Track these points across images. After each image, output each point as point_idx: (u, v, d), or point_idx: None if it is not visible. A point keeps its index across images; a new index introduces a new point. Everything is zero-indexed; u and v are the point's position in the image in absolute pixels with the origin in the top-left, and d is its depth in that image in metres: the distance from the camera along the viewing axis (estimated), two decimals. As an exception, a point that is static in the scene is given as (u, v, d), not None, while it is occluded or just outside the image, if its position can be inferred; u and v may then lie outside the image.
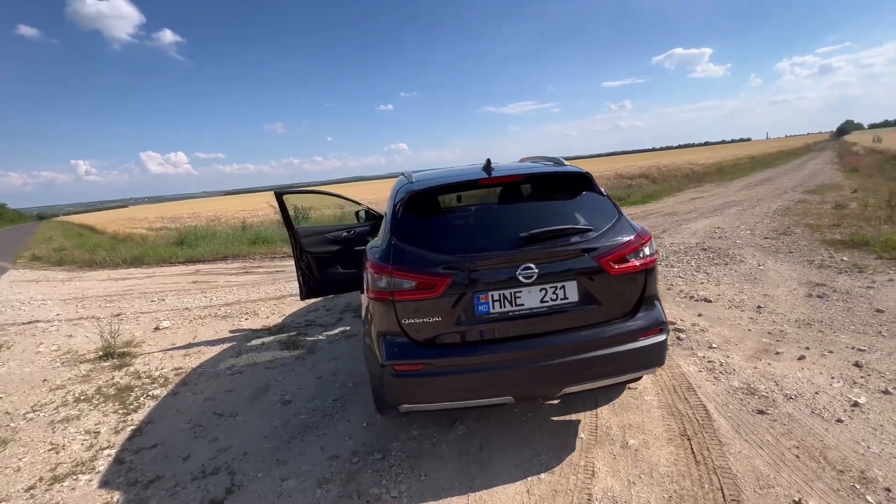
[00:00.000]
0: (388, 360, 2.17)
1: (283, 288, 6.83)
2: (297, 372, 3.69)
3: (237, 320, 5.36)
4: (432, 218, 2.42)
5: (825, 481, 1.99)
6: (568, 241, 2.18)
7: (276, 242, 11.51)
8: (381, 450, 2.52)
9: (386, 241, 2.33)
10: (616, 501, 1.99)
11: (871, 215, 7.84)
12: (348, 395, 3.22)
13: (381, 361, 2.19)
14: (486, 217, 2.35)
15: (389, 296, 2.16)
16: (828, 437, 2.28)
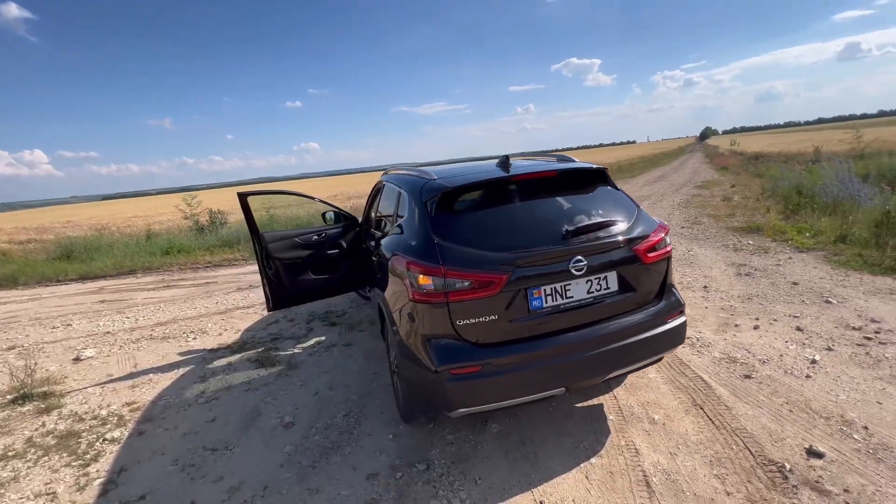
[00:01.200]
0: (442, 364, 2.07)
1: (225, 301, 6.13)
2: (285, 391, 3.35)
3: (182, 341, 4.69)
4: (471, 215, 2.36)
5: (820, 428, 2.36)
6: (609, 234, 2.28)
7: (195, 251, 10.28)
8: (422, 460, 2.41)
9: (424, 241, 2.22)
10: (668, 473, 2.15)
11: (753, 206, 9.39)
12: (357, 408, 3.01)
13: (434, 367, 2.09)
14: (523, 212, 2.35)
15: (442, 297, 2.07)
16: (805, 391, 2.69)
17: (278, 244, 4.15)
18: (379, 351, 3.90)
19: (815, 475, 2.04)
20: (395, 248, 2.47)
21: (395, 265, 2.37)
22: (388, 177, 3.57)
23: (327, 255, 4.36)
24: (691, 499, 1.99)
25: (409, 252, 2.28)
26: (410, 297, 2.18)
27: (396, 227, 2.69)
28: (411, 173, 2.93)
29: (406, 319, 2.29)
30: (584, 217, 2.32)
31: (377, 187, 4.10)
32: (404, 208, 2.67)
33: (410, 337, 2.26)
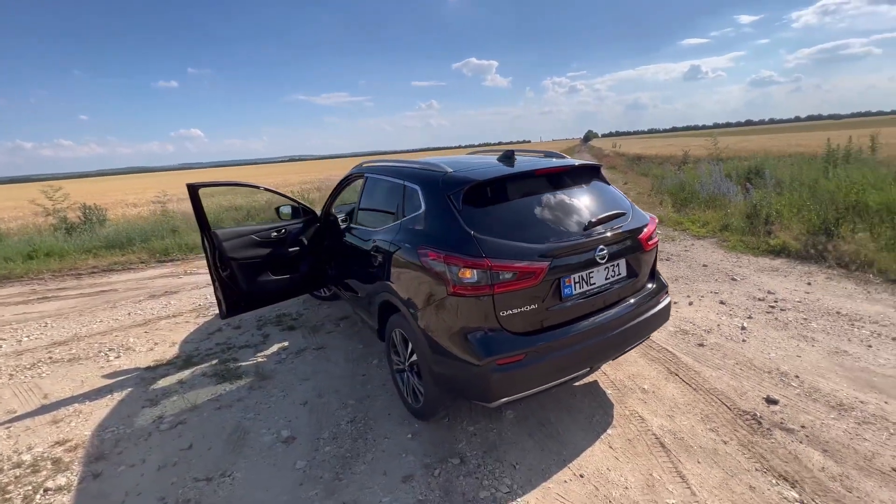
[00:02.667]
0: (488, 355, 2.09)
1: (140, 311, 5.24)
2: (266, 404, 3.03)
3: (101, 361, 3.92)
4: (497, 208, 2.38)
5: (767, 381, 2.90)
6: (621, 224, 2.50)
7: (70, 255, 8.54)
8: (453, 454, 2.40)
9: (459, 234, 2.20)
10: (674, 434, 2.46)
11: (648, 200, 10.86)
12: (360, 413, 2.86)
13: (477, 359, 2.10)
14: (546, 205, 2.44)
15: (488, 289, 2.09)
16: (746, 353, 3.27)
17: (233, 242, 3.71)
18: (358, 352, 3.73)
19: (778, 418, 2.52)
20: (418, 242, 2.39)
21: (423, 260, 2.30)
22: (371, 169, 3.40)
23: (288, 254, 4.02)
24: (699, 451, 2.31)
25: (442, 246, 2.23)
26: (450, 292, 2.15)
27: (408, 221, 2.60)
28: (414, 166, 2.85)
29: (438, 314, 2.25)
30: (596, 209, 2.51)
31: (351, 181, 3.89)
32: (416, 201, 2.59)
33: (443, 331, 2.23)
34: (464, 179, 2.39)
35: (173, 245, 8.63)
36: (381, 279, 2.80)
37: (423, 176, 2.62)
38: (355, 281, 3.39)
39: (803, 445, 2.30)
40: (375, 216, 3.19)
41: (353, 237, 3.37)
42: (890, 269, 4.59)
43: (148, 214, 13.56)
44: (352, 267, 3.42)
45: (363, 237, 3.18)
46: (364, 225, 3.30)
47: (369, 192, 3.37)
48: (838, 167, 8.43)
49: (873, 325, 3.54)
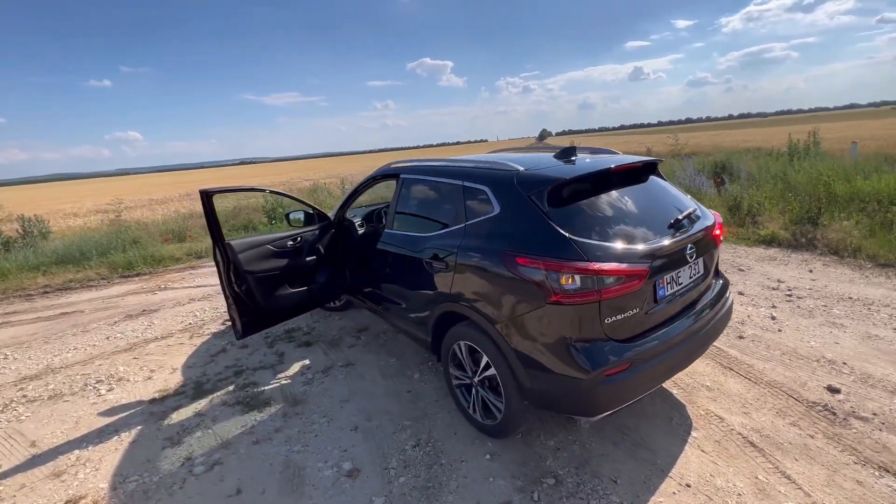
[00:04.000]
0: (597, 367, 1.94)
1: (120, 334, 4.65)
2: (312, 433, 2.72)
3: (91, 396, 3.40)
4: (581, 207, 2.23)
5: (820, 370, 2.95)
6: (699, 221, 2.43)
7: (14, 273, 7.53)
8: (544, 474, 2.23)
9: (552, 236, 2.03)
10: (758, 431, 2.42)
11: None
12: (422, 434, 2.62)
13: (585, 373, 1.94)
14: (626, 203, 2.33)
15: (594, 296, 1.93)
16: (787, 342, 3.34)
17: (249, 254, 3.34)
18: (393, 367, 3.47)
19: (848, 407, 2.56)
20: (499, 247, 2.19)
21: (511, 267, 2.11)
22: (408, 169, 3.15)
23: (305, 263, 3.69)
24: (791, 448, 2.28)
25: (535, 250, 2.05)
26: (549, 300, 1.97)
27: (477, 225, 2.39)
28: (469, 164, 2.64)
29: (531, 325, 2.07)
30: (673, 206, 2.43)
31: (376, 183, 3.61)
32: (485, 203, 2.38)
33: (538, 344, 2.06)
34: (546, 178, 2.22)
35: (137, 258, 7.84)
36: (440, 288, 2.58)
37: (491, 175, 2.43)
38: (396, 291, 3.12)
39: (885, 433, 2.33)
40: (421, 220, 2.95)
41: (390, 244, 3.11)
42: (878, 255, 4.91)
43: (97, 225, 12.33)
44: (390, 276, 3.16)
45: (407, 243, 2.93)
46: (406, 230, 3.05)
47: (408, 194, 3.11)
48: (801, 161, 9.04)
49: (887, 309, 3.73)
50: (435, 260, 2.59)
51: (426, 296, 2.74)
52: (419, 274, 2.77)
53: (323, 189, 13.07)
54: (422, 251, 2.73)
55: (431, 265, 2.63)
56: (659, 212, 2.36)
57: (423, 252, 2.72)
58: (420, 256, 2.74)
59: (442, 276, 2.54)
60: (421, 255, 2.73)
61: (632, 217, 2.28)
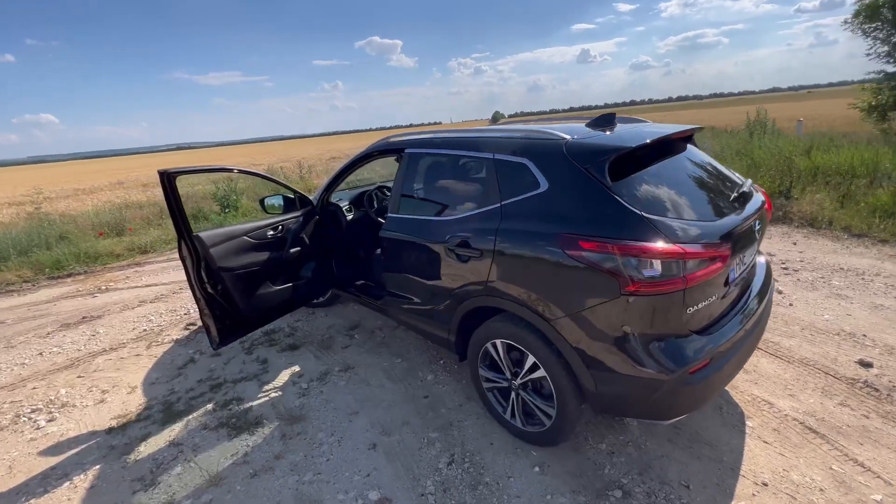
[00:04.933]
0: (681, 365, 1.68)
1: (56, 347, 3.90)
2: (322, 456, 2.30)
3: (28, 430, 2.74)
4: (644, 180, 1.92)
5: (844, 344, 2.91)
6: (755, 195, 2.21)
7: None
8: (609, 485, 1.97)
9: (624, 215, 1.72)
10: (812, 415, 2.30)
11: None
12: (455, 448, 2.28)
13: (667, 373, 1.67)
14: (685, 176, 2.06)
15: (680, 283, 1.65)
16: (803, 317, 3.29)
17: (223, 248, 2.79)
18: (400, 368, 3.08)
19: (886, 381, 2.50)
20: (555, 229, 1.85)
21: (573, 252, 1.77)
22: (415, 143, 2.71)
23: (289, 256, 3.18)
24: (852, 432, 2.17)
25: (605, 231, 1.72)
26: (624, 290, 1.67)
27: (518, 204, 2.02)
28: (502, 135, 2.26)
29: (598, 320, 1.76)
30: (725, 179, 2.20)
31: (370, 160, 3.14)
32: (527, 178, 2.02)
33: (607, 341, 1.76)
34: (605, 147, 1.89)
35: (67, 255, 6.78)
36: (470, 280, 2.21)
37: (532, 146, 2.06)
38: (406, 284, 2.71)
39: (932, 407, 2.28)
40: (438, 202, 2.55)
41: (396, 231, 2.68)
42: (851, 225, 5.09)
43: (11, 220, 10.68)
44: (397, 267, 2.74)
45: (420, 230, 2.52)
46: (417, 213, 2.63)
47: (417, 172, 2.68)
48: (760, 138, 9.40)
49: (879, 278, 3.82)
50: (463, 247, 2.21)
51: (449, 289, 2.37)
52: (439, 264, 2.38)
53: (279, 174, 12.06)
54: (443, 238, 2.34)
55: (458, 254, 2.25)
56: (716, 184, 2.12)
57: (444, 239, 2.33)
58: (440, 244, 2.35)
59: (473, 265, 2.17)
60: (442, 242, 2.34)
61: (695, 191, 2.02)
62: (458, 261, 2.25)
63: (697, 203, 1.94)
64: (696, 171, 2.15)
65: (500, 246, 2.04)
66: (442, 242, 2.34)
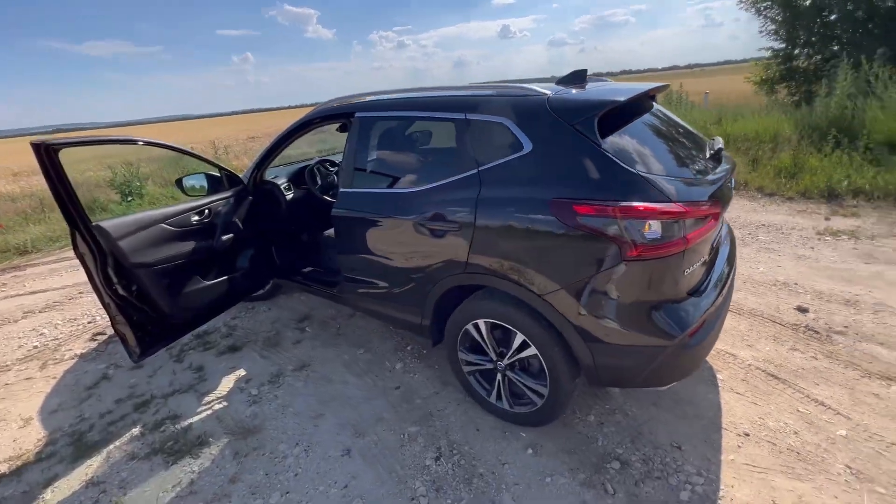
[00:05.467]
0: (683, 328, 1.62)
1: None
2: (288, 472, 1.99)
3: None
4: (630, 138, 1.80)
5: (783, 294, 3.14)
6: (725, 153, 2.21)
7: None
8: (605, 457, 1.91)
9: (619, 174, 1.59)
10: (771, 362, 2.43)
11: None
12: (440, 441, 2.09)
13: (669, 338, 1.61)
14: (661, 133, 1.96)
15: (682, 244, 1.57)
16: (741, 270, 3.52)
17: (135, 239, 2.29)
18: (363, 359, 2.81)
19: (823, 324, 2.73)
20: (543, 194, 1.67)
21: (568, 217, 1.61)
22: (368, 106, 2.37)
23: (221, 245, 2.73)
24: (805, 373, 2.32)
25: (601, 194, 1.58)
26: (627, 255, 1.55)
27: (499, 169, 1.82)
28: (471, 94, 2.02)
29: (600, 291, 1.64)
30: (696, 137, 2.17)
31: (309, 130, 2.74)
32: (506, 139, 1.82)
33: (608, 312, 1.65)
34: (592, 102, 1.73)
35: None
36: (447, 257, 1.99)
37: (511, 103, 1.85)
38: (367, 267, 2.42)
39: (864, 343, 2.52)
40: (400, 172, 2.26)
41: (351, 208, 2.35)
42: (763, 186, 5.61)
43: None
44: (355, 249, 2.42)
45: (382, 205, 2.22)
46: (375, 187, 2.32)
47: (371, 139, 2.36)
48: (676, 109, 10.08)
49: (794, 231, 4.22)
50: (437, 221, 1.97)
51: (422, 269, 2.12)
52: (408, 242, 2.12)
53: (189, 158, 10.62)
54: (411, 212, 2.07)
55: (431, 229, 2.00)
56: (691, 143, 2.08)
57: (413, 213, 2.07)
58: (408, 219, 2.08)
59: (451, 240, 1.95)
60: (410, 216, 2.08)
61: (675, 149, 1.95)
62: (431, 236, 2.01)
63: (681, 161, 1.88)
64: (669, 130, 2.09)
65: (482, 217, 1.83)
66: (410, 217, 2.07)
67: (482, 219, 1.83)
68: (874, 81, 5.99)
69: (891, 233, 3.96)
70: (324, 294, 2.90)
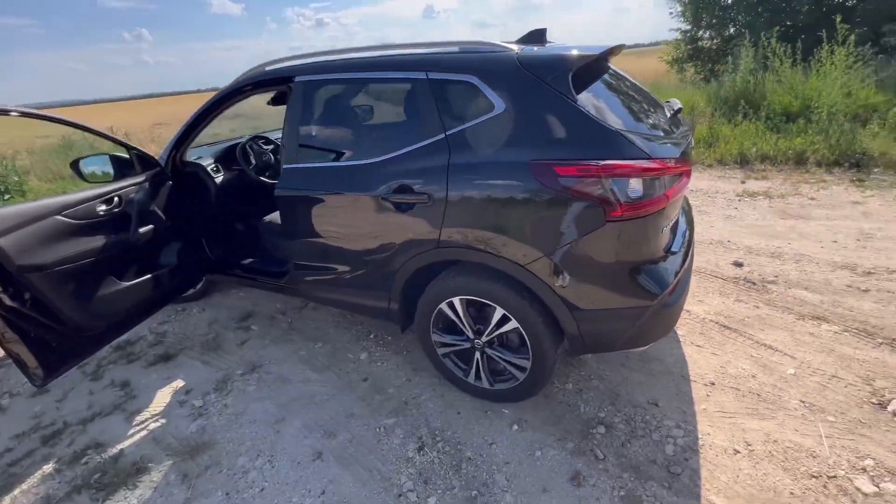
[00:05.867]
0: (664, 287, 1.63)
1: None
2: (253, 488, 1.76)
3: None
4: (602, 95, 1.74)
5: (720, 250, 3.38)
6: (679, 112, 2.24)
7: None
8: (589, 423, 1.90)
9: (598, 130, 1.53)
10: (721, 314, 2.58)
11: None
12: (421, 431, 1.97)
13: (651, 297, 1.61)
14: (622, 94, 1.92)
15: (664, 200, 1.55)
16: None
17: (22, 236, 1.86)
18: (323, 353, 2.58)
19: (758, 276, 2.97)
20: (519, 155, 1.56)
21: (548, 179, 1.52)
22: (309, 68, 2.09)
23: (141, 238, 2.34)
24: (751, 321, 2.50)
25: (581, 153, 1.50)
26: (611, 216, 1.50)
27: (469, 133, 1.68)
28: (428, 52, 1.83)
29: (582, 255, 1.58)
30: (657, 99, 2.18)
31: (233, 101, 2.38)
32: (473, 100, 1.69)
33: (591, 277, 1.61)
34: (564, 57, 1.64)
35: None
36: (417, 233, 1.83)
37: (480, 60, 1.69)
38: (321, 252, 2.18)
39: (792, 289, 2.77)
40: (352, 142, 2.03)
41: (301, 186, 2.09)
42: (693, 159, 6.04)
43: None
44: (306, 233, 2.17)
45: (335, 180, 1.99)
46: (327, 160, 2.07)
47: (316, 106, 2.09)
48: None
49: (718, 195, 4.58)
50: (404, 194, 1.79)
51: (387, 248, 1.94)
52: (370, 219, 1.93)
53: (83, 143, 9.16)
54: (371, 185, 1.87)
55: (396, 203, 1.82)
56: (652, 103, 2.08)
57: (373, 186, 1.87)
58: (369, 193, 1.88)
59: (420, 214, 1.78)
60: (370, 191, 1.87)
61: (641, 108, 1.94)
62: (397, 211, 1.83)
63: (649, 121, 1.86)
64: (630, 92, 2.07)
65: (454, 186, 1.69)
66: (371, 191, 1.87)
67: (455, 188, 1.68)
68: (771, 57, 6.64)
69: (796, 191, 4.44)
70: (269, 287, 2.60)
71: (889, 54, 7.58)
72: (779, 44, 6.62)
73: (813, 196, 4.27)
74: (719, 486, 1.59)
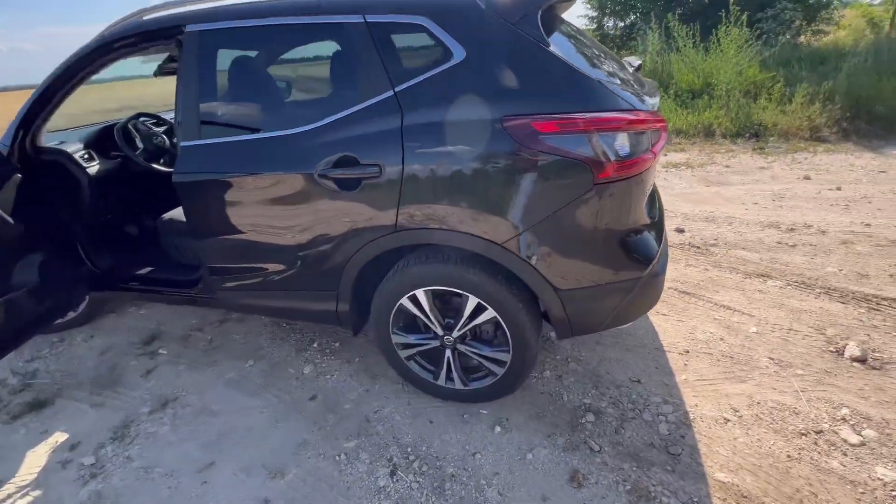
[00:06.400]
0: (653, 255, 1.48)
1: None
2: (174, 565, 1.33)
3: None
4: (571, 43, 1.52)
5: (658, 219, 3.44)
6: (637, 71, 2.12)
7: None
8: (577, 412, 1.73)
9: (577, 80, 1.33)
10: (677, 280, 2.58)
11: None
12: (389, 450, 1.66)
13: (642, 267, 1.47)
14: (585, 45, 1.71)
15: (652, 158, 1.39)
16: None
17: None
18: (256, 372, 2.15)
19: (699, 240, 3.05)
20: (487, 112, 1.30)
21: (526, 140, 1.28)
22: (202, 15, 1.62)
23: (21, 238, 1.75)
24: (707, 284, 2.52)
25: (561, 107, 1.28)
26: (599, 178, 1.30)
27: (424, 86, 1.38)
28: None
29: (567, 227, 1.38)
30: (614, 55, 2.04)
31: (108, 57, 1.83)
32: (423, 48, 1.39)
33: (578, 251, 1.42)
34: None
35: None
36: (366, 218, 1.50)
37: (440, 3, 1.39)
38: (249, 249, 1.74)
39: (733, 250, 2.87)
40: (277, 105, 1.62)
41: (208, 169, 1.64)
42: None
43: None
44: (225, 227, 1.72)
45: (258, 155, 1.58)
46: (240, 134, 1.64)
47: (215, 66, 1.64)
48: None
49: (646, 167, 4.76)
50: (348, 167, 1.45)
51: (331, 238, 1.59)
52: (305, 203, 1.56)
53: None
54: (304, 161, 1.50)
55: (338, 180, 1.47)
56: (612, 58, 1.93)
57: (305, 162, 1.49)
58: (300, 171, 1.51)
59: (371, 191, 1.45)
60: (303, 167, 1.50)
61: (608, 63, 1.77)
62: (341, 190, 1.48)
63: (618, 73, 1.70)
64: (591, 44, 1.90)
65: (412, 154, 1.38)
66: (302, 168, 1.50)
67: (413, 156, 1.38)
68: (676, 38, 7.09)
69: (711, 161, 4.74)
70: (178, 299, 2.10)
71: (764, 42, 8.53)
72: (680, 26, 7.09)
73: (727, 164, 4.59)
74: (721, 461, 1.50)
